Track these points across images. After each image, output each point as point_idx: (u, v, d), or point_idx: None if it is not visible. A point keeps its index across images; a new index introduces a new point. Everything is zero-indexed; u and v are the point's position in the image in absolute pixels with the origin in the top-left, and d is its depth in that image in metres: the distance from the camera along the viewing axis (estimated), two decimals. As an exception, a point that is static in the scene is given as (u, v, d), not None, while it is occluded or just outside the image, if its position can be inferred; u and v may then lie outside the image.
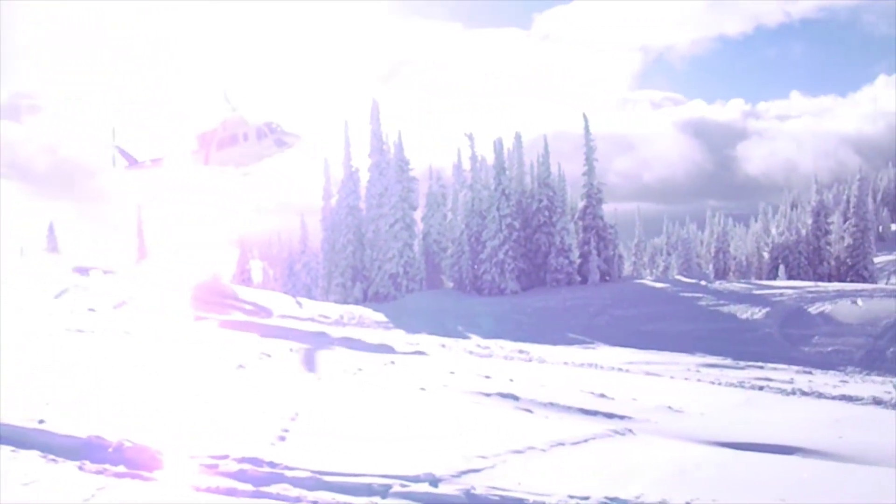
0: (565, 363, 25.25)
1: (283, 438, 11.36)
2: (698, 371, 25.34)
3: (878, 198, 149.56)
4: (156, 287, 43.10)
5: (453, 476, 9.85)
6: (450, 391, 17.03)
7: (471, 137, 66.08)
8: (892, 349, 40.58)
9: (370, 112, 63.78)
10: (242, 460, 10.07)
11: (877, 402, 20.76)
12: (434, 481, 9.63)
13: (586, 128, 66.27)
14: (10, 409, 12.09)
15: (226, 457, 10.14)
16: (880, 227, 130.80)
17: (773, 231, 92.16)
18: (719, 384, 22.27)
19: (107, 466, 9.81)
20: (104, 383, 14.90)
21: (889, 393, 22.61)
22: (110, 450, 10.30)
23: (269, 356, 21.87)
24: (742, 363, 30.04)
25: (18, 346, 19.32)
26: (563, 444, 11.69)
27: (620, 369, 24.14)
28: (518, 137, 66.07)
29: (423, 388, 17.02)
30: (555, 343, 38.83)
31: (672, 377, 23.15)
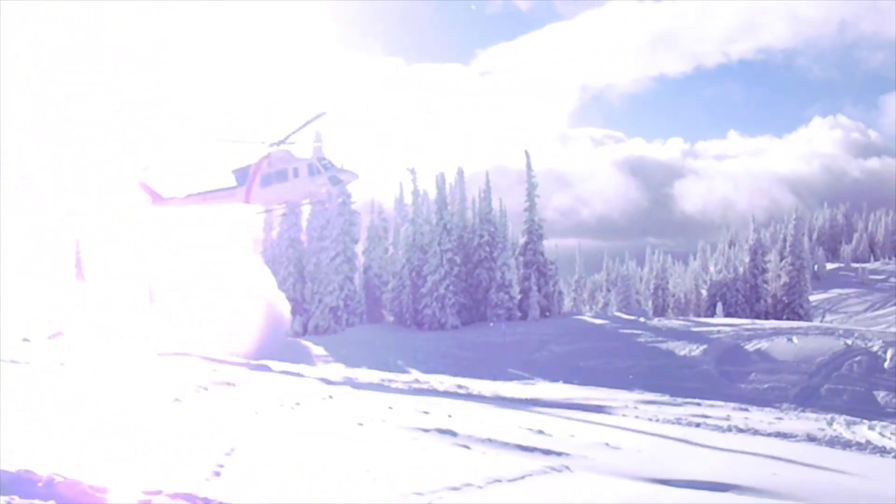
0: (504, 399, 25.27)
1: (218, 474, 11.21)
2: (636, 408, 25.50)
3: (814, 237, 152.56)
4: (93, 317, 42.18)
5: (389, 513, 9.79)
6: (388, 426, 16.95)
7: (413, 172, 66.42)
8: (826, 386, 41.19)
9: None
10: (176, 496, 9.91)
11: (811, 438, 21.04)
12: (369, 518, 9.57)
13: (528, 164, 66.88)
14: (-63, 442, 11.82)
15: (159, 492, 9.98)
16: (815, 266, 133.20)
17: (712, 268, 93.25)
18: (657, 421, 22.43)
19: (36, 502, 9.60)
20: (36, 416, 14.63)
21: (823, 430, 22.91)
22: (40, 484, 10.09)
23: (205, 389, 21.63)
24: (679, 400, 30.28)
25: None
26: (500, 481, 11.68)
27: (559, 405, 24.23)
28: (460, 173, 66.58)
29: (360, 424, 16.92)
30: (494, 378, 38.85)
31: (610, 413, 23.28)
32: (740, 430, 21.56)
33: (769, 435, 21.15)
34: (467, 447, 14.51)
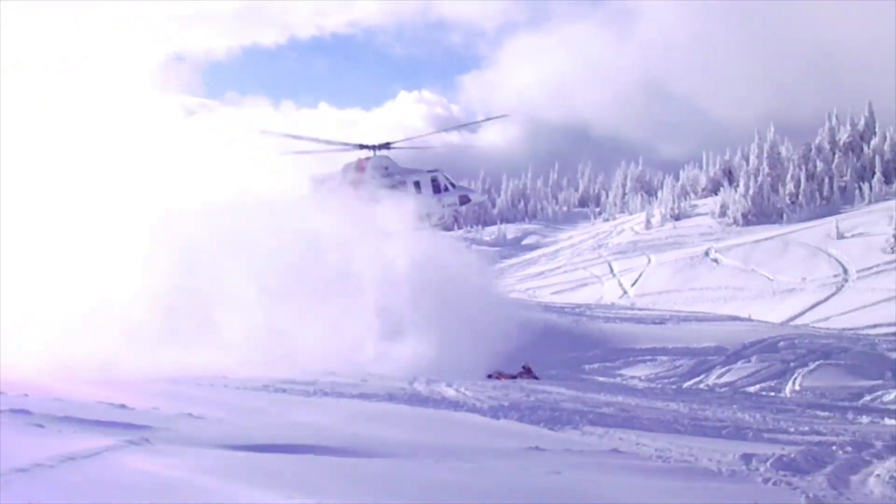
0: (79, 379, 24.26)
1: None
2: (225, 376, 25.43)
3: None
4: None
5: (-53, 501, 9.23)
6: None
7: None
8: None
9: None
10: None
11: (391, 397, 22.06)
12: (-75, 508, 8.97)
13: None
14: None
15: None
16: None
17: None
18: (244, 389, 22.55)
19: None
20: None
21: (403, 389, 24.04)
22: None
23: None
24: (268, 366, 30.45)
25: None
26: (73, 459, 11.32)
27: (144, 378, 23.67)
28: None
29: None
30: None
31: (199, 384, 23.08)
32: (325, 394, 22.16)
33: (353, 397, 21.93)
34: (41, 426, 13.91)
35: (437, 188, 34.85)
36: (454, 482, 12.08)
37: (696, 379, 35.63)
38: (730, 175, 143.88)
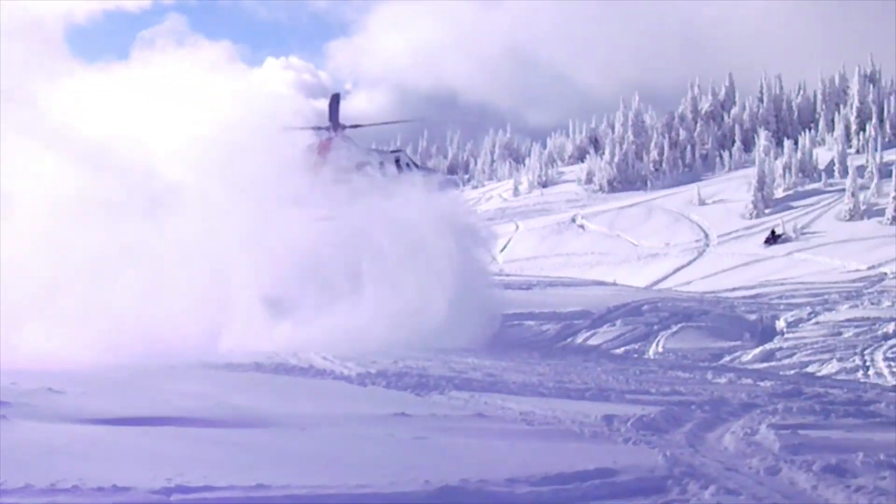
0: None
1: None
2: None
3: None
4: None
5: None
6: None
7: None
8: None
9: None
10: None
11: (258, 367, 21.91)
12: None
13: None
14: None
15: None
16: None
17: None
18: (110, 365, 21.97)
19: None
20: None
21: (270, 359, 23.71)
22: None
23: None
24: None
25: None
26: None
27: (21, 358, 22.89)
28: None
29: None
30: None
31: (62, 361, 22.43)
32: (191, 366, 21.74)
33: (219, 368, 21.69)
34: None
35: (400, 169, 34.14)
36: (320, 449, 12.11)
37: (563, 343, 36.08)
38: (596, 143, 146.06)
